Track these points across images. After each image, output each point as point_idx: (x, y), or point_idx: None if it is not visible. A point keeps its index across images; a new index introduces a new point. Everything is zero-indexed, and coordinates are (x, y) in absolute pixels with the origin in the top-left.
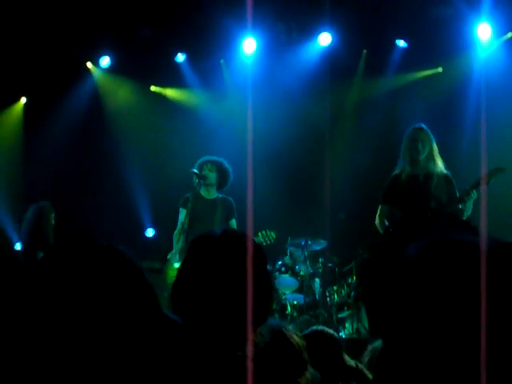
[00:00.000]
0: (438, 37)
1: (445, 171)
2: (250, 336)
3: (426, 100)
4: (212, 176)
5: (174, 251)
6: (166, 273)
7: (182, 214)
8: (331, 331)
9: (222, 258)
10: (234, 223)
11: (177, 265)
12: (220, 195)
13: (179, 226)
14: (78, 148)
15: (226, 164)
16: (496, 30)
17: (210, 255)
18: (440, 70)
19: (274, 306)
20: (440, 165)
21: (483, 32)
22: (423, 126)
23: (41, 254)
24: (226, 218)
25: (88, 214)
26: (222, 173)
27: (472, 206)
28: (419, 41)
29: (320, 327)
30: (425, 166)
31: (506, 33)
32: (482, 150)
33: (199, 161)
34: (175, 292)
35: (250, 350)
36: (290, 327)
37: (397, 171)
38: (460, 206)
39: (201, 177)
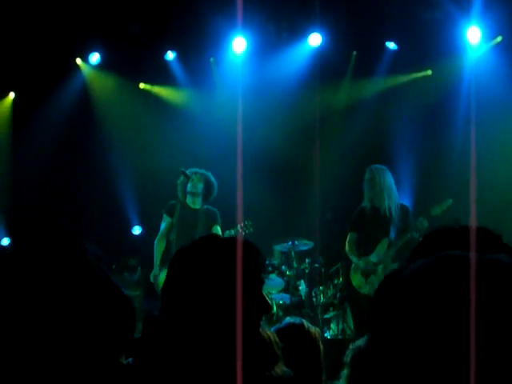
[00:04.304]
0: (428, 40)
1: (400, 202)
2: (240, 340)
3: (415, 102)
4: (199, 186)
5: (154, 271)
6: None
7: (166, 221)
8: (306, 323)
9: (215, 260)
10: (218, 229)
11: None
12: (205, 206)
13: (161, 233)
14: (66, 144)
15: (213, 178)
16: (486, 33)
17: (203, 257)
18: (429, 72)
19: None
20: (394, 197)
21: (473, 36)
22: (375, 166)
23: None
24: (209, 228)
25: (75, 210)
26: (208, 185)
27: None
28: (409, 43)
29: (293, 320)
30: (381, 200)
31: (495, 37)
32: (472, 153)
33: (188, 170)
34: (166, 295)
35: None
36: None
37: (363, 204)
38: (415, 235)
39: (187, 176)
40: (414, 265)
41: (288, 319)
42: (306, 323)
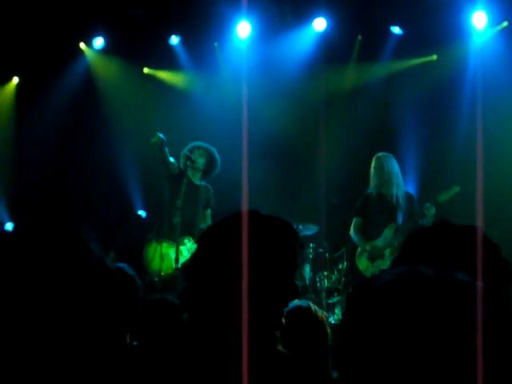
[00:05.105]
0: (433, 24)
1: (406, 190)
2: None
3: (420, 87)
4: (200, 161)
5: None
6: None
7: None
8: (313, 306)
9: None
10: (209, 213)
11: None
12: (203, 182)
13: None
14: (69, 129)
15: (217, 154)
16: (491, 18)
17: (235, 236)
18: (434, 57)
19: None
20: (401, 185)
21: (478, 20)
22: (382, 154)
23: None
24: (205, 205)
25: (79, 195)
26: (210, 161)
27: (432, 220)
28: (414, 28)
29: (300, 303)
30: (389, 187)
31: (501, 22)
32: (478, 138)
33: (191, 144)
34: (192, 273)
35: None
36: None
37: (369, 191)
38: (420, 221)
39: (191, 160)
40: (386, 275)
41: (295, 302)
42: (313, 306)
